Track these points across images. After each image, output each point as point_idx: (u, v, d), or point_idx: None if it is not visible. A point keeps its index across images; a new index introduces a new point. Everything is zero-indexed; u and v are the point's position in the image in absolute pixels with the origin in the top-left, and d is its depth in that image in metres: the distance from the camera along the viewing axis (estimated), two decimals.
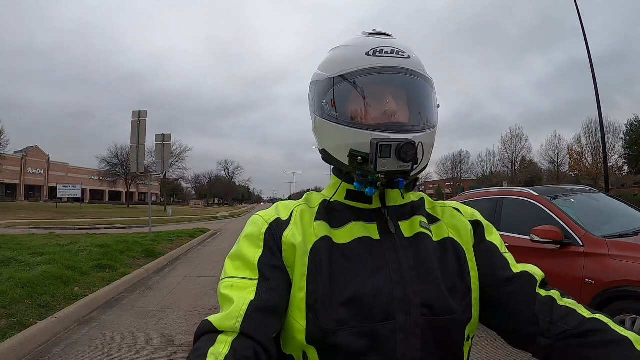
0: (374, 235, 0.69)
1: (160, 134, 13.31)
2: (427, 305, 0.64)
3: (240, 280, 0.64)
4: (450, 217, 0.76)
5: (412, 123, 0.68)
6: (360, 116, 0.67)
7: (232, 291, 0.62)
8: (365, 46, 0.68)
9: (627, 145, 33.05)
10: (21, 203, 40.51)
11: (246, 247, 0.68)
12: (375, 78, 0.67)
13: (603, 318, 0.62)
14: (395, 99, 0.67)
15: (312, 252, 0.66)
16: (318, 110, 0.72)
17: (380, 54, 0.67)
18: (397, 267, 0.65)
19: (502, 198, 4.11)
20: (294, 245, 0.66)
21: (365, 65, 0.67)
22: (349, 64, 0.68)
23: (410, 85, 0.69)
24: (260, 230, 0.69)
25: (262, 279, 0.63)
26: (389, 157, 0.62)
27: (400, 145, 0.62)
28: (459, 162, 50.87)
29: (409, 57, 0.69)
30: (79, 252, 7.33)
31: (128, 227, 18.44)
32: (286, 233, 0.68)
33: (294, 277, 0.65)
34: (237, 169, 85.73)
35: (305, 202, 0.75)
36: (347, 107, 0.68)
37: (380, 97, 0.67)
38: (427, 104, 0.70)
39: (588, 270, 3.01)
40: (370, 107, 0.67)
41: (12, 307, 3.96)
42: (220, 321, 0.59)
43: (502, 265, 0.71)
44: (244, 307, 0.60)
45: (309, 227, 0.69)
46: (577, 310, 0.64)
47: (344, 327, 0.61)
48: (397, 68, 0.67)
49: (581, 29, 12.04)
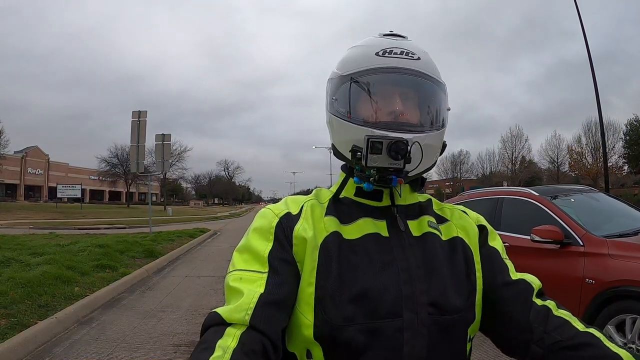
0: (383, 232, 0.69)
1: (161, 134, 13.32)
2: (433, 304, 0.64)
3: (250, 273, 0.63)
4: (459, 218, 0.77)
5: (414, 123, 0.68)
6: (362, 114, 0.69)
7: (241, 284, 0.62)
8: (377, 46, 0.70)
9: (627, 145, 33.05)
10: (21, 203, 40.52)
11: (256, 240, 0.67)
12: (381, 78, 0.68)
13: (596, 333, 0.63)
14: (399, 99, 0.68)
15: (322, 247, 0.66)
16: (329, 105, 0.75)
17: (390, 55, 0.69)
18: (405, 265, 0.66)
19: (502, 198, 4.11)
20: (305, 240, 0.66)
21: (373, 65, 0.69)
22: (360, 64, 0.70)
23: (415, 86, 0.69)
24: (271, 224, 0.68)
25: (272, 272, 0.63)
26: (380, 154, 0.63)
27: (391, 142, 0.63)
28: (459, 162, 50.88)
29: (419, 58, 0.70)
30: (79, 252, 7.34)
31: (128, 227, 18.45)
32: (297, 227, 0.68)
33: (303, 272, 0.65)
34: (237, 169, 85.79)
35: (315, 197, 0.75)
36: (353, 104, 0.70)
37: (384, 96, 0.68)
38: (431, 106, 0.71)
39: (588, 270, 3.01)
40: (374, 106, 0.68)
41: (12, 307, 3.96)
42: (229, 313, 0.58)
43: (502, 270, 0.72)
44: (254, 300, 0.59)
45: (320, 222, 0.69)
46: (572, 322, 0.64)
47: (351, 323, 0.61)
48: (404, 69, 0.68)
49: (581, 29, 12.04)
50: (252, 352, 0.55)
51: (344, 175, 0.75)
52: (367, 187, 0.68)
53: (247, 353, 0.54)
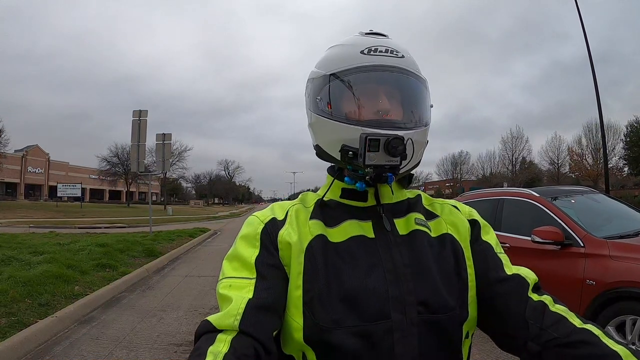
0: (369, 234, 0.69)
1: (161, 133, 13.31)
2: (422, 303, 0.64)
3: (238, 280, 0.64)
4: (449, 214, 0.76)
5: (403, 120, 0.69)
6: (352, 112, 0.68)
7: (230, 291, 0.63)
8: (360, 45, 0.70)
9: (628, 147, 33.00)
10: (21, 202, 40.53)
11: (243, 248, 0.68)
12: (369, 76, 0.68)
13: (594, 329, 0.62)
14: (387, 96, 0.68)
15: (307, 250, 0.66)
16: (313, 106, 0.73)
17: (375, 53, 0.69)
18: (391, 266, 0.65)
19: (503, 199, 4.11)
20: (290, 244, 0.67)
21: (360, 63, 0.68)
22: (344, 62, 0.69)
23: (403, 83, 0.70)
24: (256, 230, 0.69)
25: (260, 277, 0.64)
26: (377, 151, 0.63)
27: (388, 139, 0.63)
28: (459, 163, 50.91)
29: (403, 56, 0.70)
30: (79, 251, 7.34)
31: (128, 226, 18.46)
32: (282, 232, 0.68)
33: (290, 276, 0.65)
34: (237, 168, 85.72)
35: (301, 202, 0.75)
36: (340, 103, 0.69)
37: (372, 94, 0.68)
38: (418, 103, 0.71)
39: (589, 271, 3.01)
40: (363, 104, 0.68)
41: (12, 306, 3.97)
42: (219, 320, 0.60)
43: (496, 265, 0.71)
44: (242, 306, 0.60)
45: (304, 226, 0.69)
46: (569, 318, 0.63)
47: (340, 326, 0.61)
48: (390, 67, 0.68)
49: (582, 29, 12.03)
50: (244, 356, 0.56)
51: (331, 177, 0.75)
52: (359, 187, 0.68)
53: (238, 357, 0.55)
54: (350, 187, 0.71)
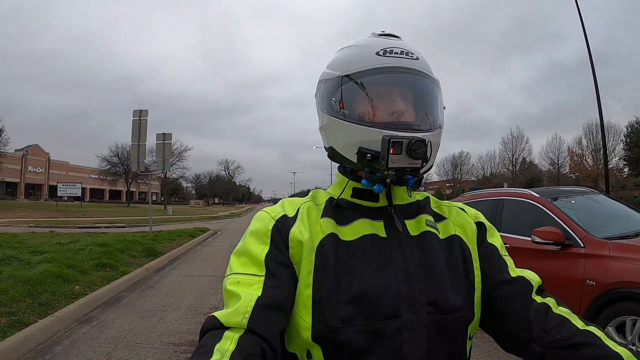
0: (381, 233, 0.69)
1: (161, 133, 13.31)
2: (433, 304, 0.64)
3: (247, 276, 0.63)
4: (457, 216, 0.77)
5: (420, 123, 0.68)
6: (369, 114, 0.67)
7: (238, 287, 0.62)
8: (375, 46, 0.69)
9: (628, 147, 32.98)
10: (21, 201, 40.54)
11: (252, 244, 0.67)
12: (386, 77, 0.67)
13: (596, 331, 0.62)
14: (404, 98, 0.68)
15: (319, 249, 0.66)
16: (327, 108, 0.72)
17: (391, 54, 0.68)
18: (403, 265, 0.65)
19: (503, 199, 4.11)
20: (301, 242, 0.66)
21: (376, 65, 0.67)
22: (360, 63, 0.69)
23: (419, 85, 0.69)
24: (267, 227, 0.68)
25: (269, 275, 0.63)
26: (400, 154, 0.63)
27: (411, 142, 0.62)
28: (460, 163, 50.88)
29: (417, 58, 0.70)
30: (79, 250, 7.33)
31: (128, 226, 18.45)
32: (293, 230, 0.67)
33: (300, 274, 0.65)
34: (237, 168, 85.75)
35: (312, 199, 0.75)
36: (357, 105, 0.68)
37: (389, 96, 0.68)
38: (434, 105, 0.71)
39: (589, 272, 3.01)
40: (380, 106, 0.67)
41: (12, 306, 3.96)
42: (227, 317, 0.59)
43: (500, 267, 0.71)
44: (251, 304, 0.59)
45: (316, 224, 0.69)
46: (571, 320, 0.64)
47: (350, 325, 0.61)
48: (407, 69, 0.68)
49: (582, 30, 12.03)
50: (251, 355, 0.55)
51: (342, 177, 0.74)
52: (377, 189, 0.68)
53: (245, 356, 0.55)
54: (364, 188, 0.70)
